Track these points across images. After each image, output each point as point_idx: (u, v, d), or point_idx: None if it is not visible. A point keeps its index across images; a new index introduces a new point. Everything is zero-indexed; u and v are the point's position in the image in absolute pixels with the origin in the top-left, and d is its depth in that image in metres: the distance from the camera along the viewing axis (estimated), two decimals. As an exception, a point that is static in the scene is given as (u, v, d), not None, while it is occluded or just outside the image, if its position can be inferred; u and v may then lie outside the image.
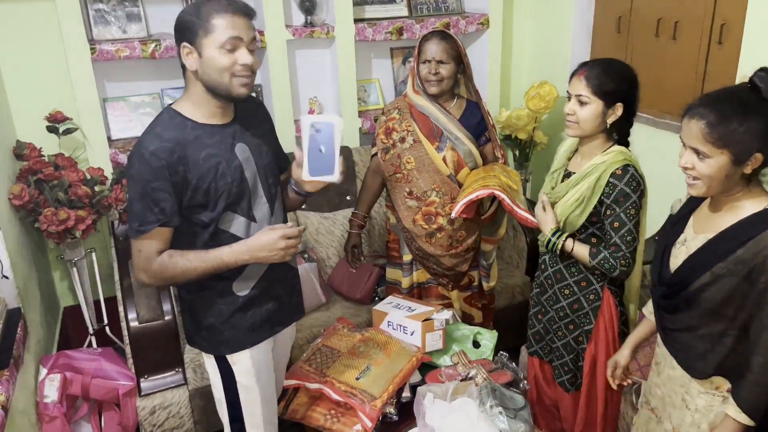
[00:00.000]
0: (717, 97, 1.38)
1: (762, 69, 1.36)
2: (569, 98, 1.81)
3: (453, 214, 2.18)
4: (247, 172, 1.62)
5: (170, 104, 1.62)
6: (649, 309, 1.76)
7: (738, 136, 1.33)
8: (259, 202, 1.66)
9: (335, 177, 1.59)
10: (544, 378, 2.14)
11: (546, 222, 1.92)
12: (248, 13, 1.54)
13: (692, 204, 1.55)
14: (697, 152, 1.38)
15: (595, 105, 1.76)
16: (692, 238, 1.49)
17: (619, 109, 1.77)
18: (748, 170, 1.36)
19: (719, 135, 1.34)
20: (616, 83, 1.76)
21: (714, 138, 1.35)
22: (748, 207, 1.40)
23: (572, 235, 1.89)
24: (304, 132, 1.56)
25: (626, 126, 1.84)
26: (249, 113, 1.70)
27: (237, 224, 1.63)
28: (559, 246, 1.87)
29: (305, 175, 1.58)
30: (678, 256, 1.51)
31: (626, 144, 1.87)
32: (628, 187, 1.75)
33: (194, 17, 1.51)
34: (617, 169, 1.76)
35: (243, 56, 1.51)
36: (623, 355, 1.80)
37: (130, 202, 1.55)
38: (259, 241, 1.58)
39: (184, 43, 1.52)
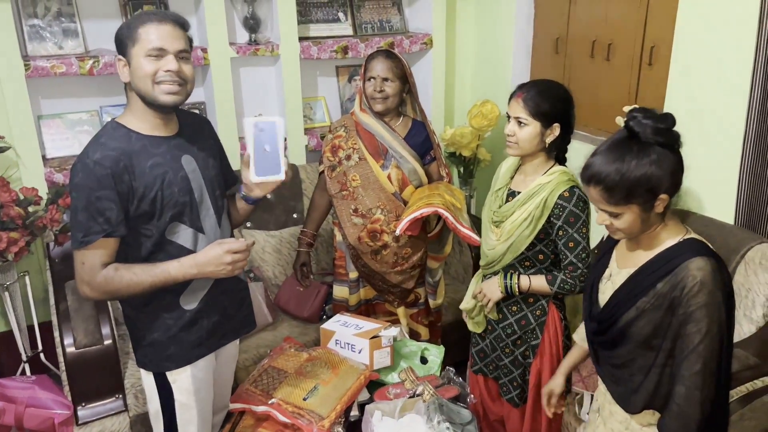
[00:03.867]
0: (604, 159, 1.38)
1: (633, 111, 1.38)
2: (509, 119, 1.86)
3: (397, 232, 2.20)
4: (194, 183, 1.63)
5: (113, 118, 1.63)
6: (579, 336, 1.77)
7: (637, 189, 1.35)
8: (207, 214, 1.67)
9: (282, 175, 1.60)
10: (489, 395, 2.17)
11: (491, 283, 1.97)
12: (177, 22, 1.55)
13: (613, 239, 1.58)
14: (608, 212, 1.41)
15: (533, 126, 1.82)
16: (616, 272, 1.52)
17: (556, 129, 1.83)
18: (659, 210, 1.39)
19: (620, 196, 1.36)
20: (552, 105, 1.82)
21: (616, 199, 1.37)
22: (664, 240, 1.43)
23: (517, 269, 1.94)
24: (247, 133, 1.57)
25: (564, 144, 1.92)
26: (195, 128, 1.72)
27: (184, 235, 1.63)
28: (515, 286, 1.92)
29: (252, 176, 1.59)
30: (605, 292, 1.53)
31: (563, 160, 1.94)
32: (577, 207, 1.81)
33: (124, 29, 1.55)
34: (564, 191, 1.82)
35: (168, 62, 1.53)
36: (557, 383, 1.81)
37: (74, 213, 1.52)
38: (206, 255, 1.58)
39: (119, 56, 1.56)
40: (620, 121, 1.42)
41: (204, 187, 1.66)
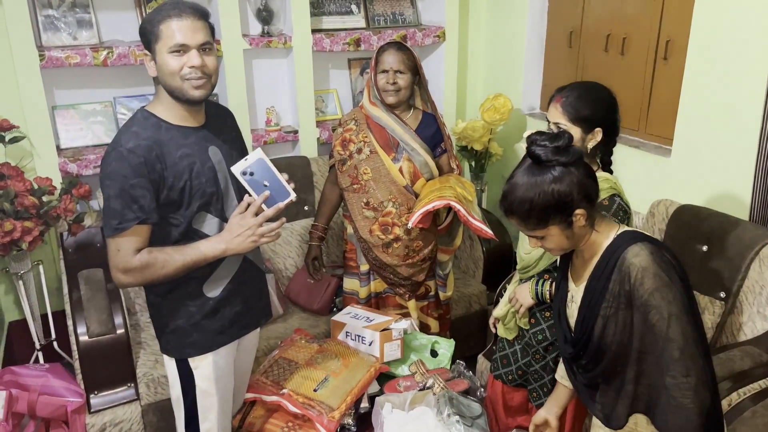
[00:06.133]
0: (514, 189, 1.38)
1: (533, 135, 1.38)
2: (549, 124, 1.78)
3: (409, 225, 2.20)
4: (220, 174, 1.66)
5: (143, 106, 1.65)
6: (560, 373, 1.72)
7: (548, 213, 1.35)
8: (231, 204, 1.69)
9: (293, 195, 1.65)
10: (503, 405, 2.11)
11: (523, 289, 1.93)
12: (197, 14, 1.56)
13: (565, 261, 1.58)
14: (534, 237, 1.42)
15: (573, 132, 1.71)
16: (576, 291, 1.51)
17: (598, 135, 1.73)
18: (581, 224, 1.38)
19: (535, 223, 1.37)
20: (592, 109, 1.72)
21: (532, 225, 1.38)
22: (601, 243, 1.43)
23: (552, 275, 1.89)
24: (241, 181, 1.59)
25: (608, 148, 1.81)
26: (220, 119, 1.75)
27: (210, 224, 1.66)
28: (546, 293, 1.87)
29: (269, 211, 1.62)
30: (573, 315, 1.52)
31: (609, 163, 1.85)
32: (616, 217, 1.69)
33: (147, 24, 1.56)
34: (604, 199, 1.71)
35: (191, 58, 1.54)
36: (539, 416, 1.72)
37: (107, 200, 1.54)
38: (230, 228, 1.60)
39: (145, 51, 1.59)
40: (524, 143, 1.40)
41: (228, 178, 1.68)
